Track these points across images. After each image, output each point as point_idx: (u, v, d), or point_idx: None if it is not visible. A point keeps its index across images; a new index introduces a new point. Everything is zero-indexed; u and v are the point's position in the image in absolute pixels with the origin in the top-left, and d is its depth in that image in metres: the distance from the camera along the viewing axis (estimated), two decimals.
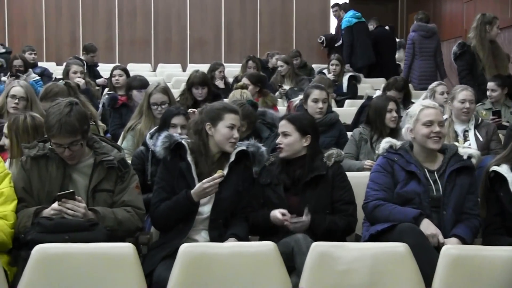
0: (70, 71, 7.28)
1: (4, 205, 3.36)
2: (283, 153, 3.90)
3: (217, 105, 3.83)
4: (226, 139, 3.71)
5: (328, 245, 3.21)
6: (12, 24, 13.07)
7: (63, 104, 3.44)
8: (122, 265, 3.09)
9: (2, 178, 3.39)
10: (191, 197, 3.60)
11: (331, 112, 5.72)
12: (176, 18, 13.26)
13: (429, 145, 3.79)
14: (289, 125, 3.91)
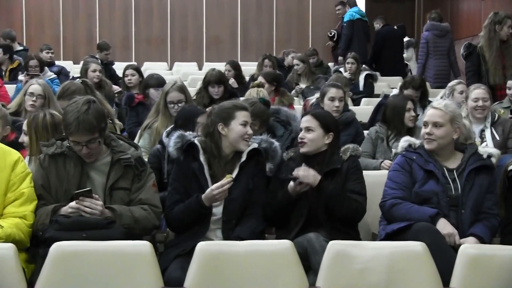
0: (89, 70, 7.31)
1: (24, 205, 3.37)
2: (305, 148, 3.89)
3: (227, 105, 3.82)
4: (241, 137, 3.71)
5: (344, 244, 3.20)
6: (29, 23, 13.16)
7: (81, 102, 3.45)
8: (139, 263, 3.10)
9: (23, 177, 3.40)
10: (202, 201, 3.59)
11: (348, 111, 5.71)
12: (192, 16, 13.29)
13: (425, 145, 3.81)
14: (314, 121, 3.90)
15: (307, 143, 3.89)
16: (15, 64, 9.34)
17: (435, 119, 3.82)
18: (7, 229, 3.22)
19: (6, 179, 3.34)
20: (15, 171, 3.37)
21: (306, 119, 3.95)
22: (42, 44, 10.63)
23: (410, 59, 12.05)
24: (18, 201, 3.36)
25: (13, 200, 3.36)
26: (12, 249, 3.07)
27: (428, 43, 9.50)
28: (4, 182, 3.34)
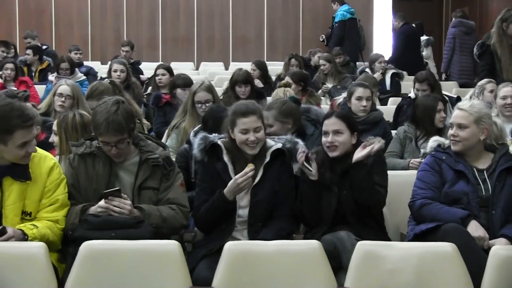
0: (112, 70, 7.36)
1: (57, 211, 3.40)
2: (337, 152, 3.78)
3: (231, 112, 3.78)
4: (243, 144, 3.68)
5: (373, 244, 3.19)
6: (58, 24, 13.29)
7: (110, 103, 3.47)
8: (167, 262, 3.11)
9: (58, 184, 3.42)
10: (225, 196, 3.59)
11: (375, 110, 5.68)
12: (219, 16, 13.31)
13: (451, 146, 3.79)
14: (342, 123, 3.81)
15: (338, 146, 3.78)
16: (45, 65, 9.48)
17: (459, 120, 3.78)
18: (41, 230, 3.26)
19: (42, 186, 3.36)
20: (51, 178, 3.39)
21: (332, 121, 3.82)
22: (70, 45, 10.76)
23: (429, 57, 11.98)
24: (51, 207, 3.38)
25: (47, 205, 3.38)
26: (43, 248, 3.11)
27: (455, 39, 9.48)
28: (40, 188, 3.35)
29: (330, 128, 3.80)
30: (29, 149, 3.25)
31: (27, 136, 3.21)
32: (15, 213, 3.28)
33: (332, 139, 3.78)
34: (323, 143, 3.82)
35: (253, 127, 3.67)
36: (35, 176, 3.34)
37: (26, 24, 13.07)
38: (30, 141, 3.24)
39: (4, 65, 8.00)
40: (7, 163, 3.28)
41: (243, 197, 3.68)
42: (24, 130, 3.20)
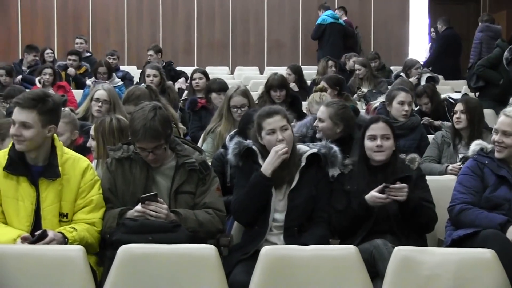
0: (145, 75, 7.41)
1: (93, 213, 3.44)
2: (384, 156, 3.78)
3: (256, 115, 3.78)
4: (271, 145, 3.67)
5: (410, 250, 3.16)
6: (95, 29, 13.45)
7: (147, 109, 3.50)
8: (204, 267, 3.12)
9: (92, 185, 3.47)
10: (262, 173, 3.60)
11: (413, 116, 5.62)
12: (254, 20, 13.34)
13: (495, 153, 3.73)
14: (388, 128, 3.80)
15: (385, 151, 3.78)
16: (82, 70, 9.60)
17: (505, 127, 3.73)
18: (81, 232, 3.30)
19: (76, 186, 3.41)
20: (85, 179, 3.43)
21: (381, 126, 3.80)
22: (107, 50, 10.88)
23: None
24: (87, 208, 3.42)
25: (82, 207, 3.42)
26: (81, 251, 3.14)
27: (481, 44, 9.38)
28: (74, 189, 3.40)
29: (378, 132, 3.79)
30: (12, 130, 3.31)
31: (15, 115, 3.30)
32: (53, 214, 3.34)
33: (381, 142, 3.77)
34: (369, 147, 3.79)
35: (279, 126, 3.68)
36: (69, 177, 3.39)
37: (64, 30, 13.27)
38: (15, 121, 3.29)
39: (43, 70, 8.12)
40: (41, 165, 3.35)
41: (280, 201, 3.68)
42: (16, 108, 3.31)
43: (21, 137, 3.29)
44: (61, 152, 3.41)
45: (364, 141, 3.82)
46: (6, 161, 3.32)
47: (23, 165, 3.34)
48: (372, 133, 3.80)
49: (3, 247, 3.14)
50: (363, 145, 3.83)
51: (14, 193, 3.31)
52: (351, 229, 3.68)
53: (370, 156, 3.80)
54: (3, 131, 4.14)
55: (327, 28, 11.18)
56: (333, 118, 4.51)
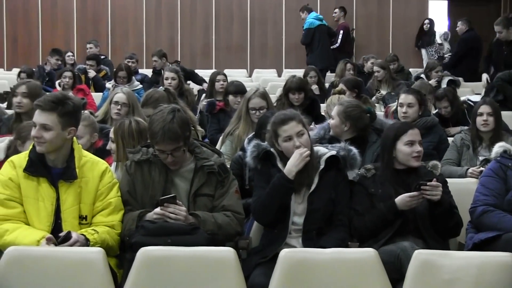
0: (163, 78, 7.44)
1: (112, 215, 3.46)
2: (419, 161, 3.78)
3: (271, 124, 3.77)
4: (289, 152, 3.67)
5: (431, 253, 3.14)
6: (114, 33, 13.52)
7: (166, 111, 3.51)
8: (223, 269, 3.13)
9: (110, 187, 3.49)
10: (285, 175, 3.59)
11: (428, 116, 5.58)
12: (272, 23, 13.35)
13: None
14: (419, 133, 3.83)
15: (421, 157, 3.78)
16: (102, 74, 9.66)
17: None
18: (102, 235, 3.32)
19: (95, 189, 3.44)
20: (103, 181, 3.46)
21: (418, 132, 3.81)
22: (126, 53, 10.93)
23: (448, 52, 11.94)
24: (106, 211, 3.45)
25: (101, 209, 3.44)
26: (101, 253, 3.16)
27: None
28: (92, 191, 3.43)
29: (416, 138, 3.78)
30: (33, 132, 3.35)
31: (36, 117, 3.35)
32: (73, 216, 3.37)
33: (420, 148, 3.77)
34: (407, 153, 3.77)
35: (295, 132, 3.67)
36: (88, 179, 3.42)
37: (83, 33, 13.35)
38: (36, 123, 3.35)
39: (63, 74, 8.18)
40: (60, 167, 3.39)
41: (299, 204, 3.67)
42: (37, 110, 3.36)
43: (41, 139, 3.34)
44: (79, 155, 3.44)
45: (398, 145, 3.78)
46: (26, 163, 3.37)
47: (43, 167, 3.38)
48: (410, 139, 3.77)
49: (25, 248, 3.16)
50: (392, 150, 3.80)
51: (35, 193, 3.35)
52: (376, 232, 3.66)
53: (405, 162, 3.78)
54: (24, 134, 4.18)
55: (316, 31, 11.16)
56: (340, 115, 4.54)
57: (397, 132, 3.82)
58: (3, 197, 3.34)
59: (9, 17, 13.48)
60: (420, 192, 3.56)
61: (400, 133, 3.80)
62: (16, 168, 3.37)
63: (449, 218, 3.64)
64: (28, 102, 5.26)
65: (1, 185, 3.36)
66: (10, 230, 3.27)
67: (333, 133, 4.56)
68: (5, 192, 3.34)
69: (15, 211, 3.34)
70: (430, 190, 3.54)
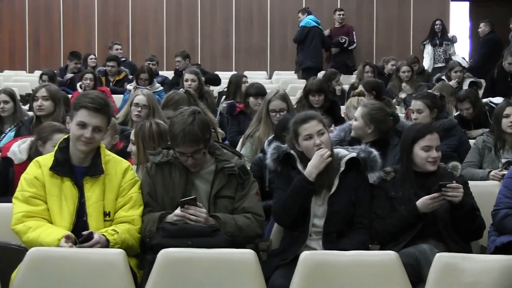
0: (183, 79, 7.46)
1: (133, 209, 3.49)
2: (436, 166, 3.76)
3: (292, 122, 3.78)
4: (309, 151, 3.67)
5: (453, 256, 3.13)
6: (134, 35, 13.58)
7: (187, 114, 3.52)
8: (243, 271, 3.13)
9: (132, 184, 3.53)
10: (305, 177, 3.59)
11: (445, 118, 5.54)
12: (292, 24, 13.29)
13: None
14: (439, 138, 3.80)
15: (437, 161, 3.76)
16: (122, 76, 9.72)
17: None
18: (122, 235, 3.34)
19: (117, 186, 3.48)
20: (125, 178, 3.51)
21: (436, 136, 3.79)
22: (146, 55, 10.98)
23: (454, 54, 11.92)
24: (127, 206, 3.48)
25: (123, 205, 3.48)
26: (121, 255, 3.17)
27: None
28: (115, 188, 3.48)
29: (434, 143, 3.76)
30: (85, 133, 3.38)
31: (87, 118, 3.38)
32: (99, 211, 3.41)
33: (437, 153, 3.75)
34: (423, 157, 3.75)
35: (316, 130, 3.67)
36: (111, 176, 3.47)
37: (104, 35, 13.42)
38: (89, 125, 3.38)
39: (84, 76, 8.24)
40: (86, 165, 3.45)
41: (319, 206, 3.66)
42: (87, 111, 3.39)
43: (92, 139, 3.41)
44: (104, 153, 3.51)
45: (415, 150, 3.77)
46: (52, 162, 3.42)
47: (68, 167, 3.43)
48: (427, 144, 3.75)
49: (47, 249, 3.19)
50: (411, 152, 3.78)
51: (59, 192, 3.41)
52: (397, 235, 3.65)
53: (421, 166, 3.77)
54: (44, 135, 4.22)
55: (310, 31, 11.30)
56: (365, 117, 4.54)
57: (414, 135, 3.81)
58: (28, 194, 3.39)
59: (31, 20, 13.59)
60: (441, 193, 3.54)
61: (418, 137, 3.78)
62: (42, 167, 3.43)
63: (471, 220, 3.62)
64: (49, 104, 5.32)
65: (26, 183, 3.41)
66: (33, 227, 3.31)
67: (356, 135, 4.56)
68: (30, 190, 3.40)
69: (39, 208, 3.38)
70: (451, 191, 3.52)
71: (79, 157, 3.45)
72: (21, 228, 3.33)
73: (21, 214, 3.35)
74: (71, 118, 3.47)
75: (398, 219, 3.64)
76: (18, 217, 3.36)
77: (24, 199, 3.38)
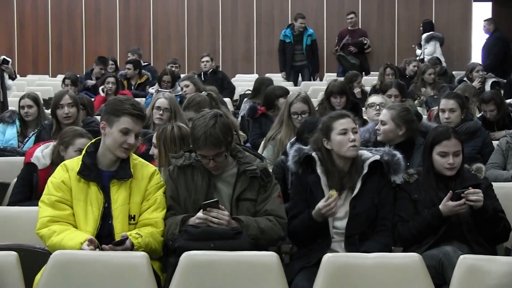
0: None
1: (156, 212, 3.50)
2: (455, 172, 3.73)
3: (325, 119, 3.78)
4: (343, 146, 3.65)
5: (477, 258, 3.10)
6: (156, 38, 13.66)
7: (208, 117, 3.52)
8: (266, 274, 3.13)
9: (158, 188, 3.55)
10: (313, 217, 3.58)
11: (471, 120, 5.50)
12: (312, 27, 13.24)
13: None
14: (459, 144, 3.75)
15: (456, 167, 3.73)
16: (143, 79, 9.78)
17: None
18: (145, 238, 3.35)
19: (144, 189, 3.50)
20: (151, 182, 3.53)
21: (454, 143, 3.72)
22: (168, 58, 11.03)
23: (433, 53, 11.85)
24: (151, 208, 3.50)
25: (147, 207, 3.50)
26: (144, 258, 3.18)
27: None
28: (141, 192, 3.49)
29: (451, 149, 3.71)
30: (129, 140, 3.40)
31: (132, 125, 3.40)
32: (124, 214, 3.43)
33: (453, 160, 3.70)
34: (441, 163, 3.73)
35: (351, 127, 3.68)
36: (138, 180, 3.49)
37: (126, 39, 13.51)
38: (132, 131, 3.41)
39: (106, 79, 8.30)
40: (113, 169, 3.47)
41: (341, 208, 3.65)
42: (131, 117, 3.40)
43: (135, 146, 3.47)
44: (131, 157, 3.53)
45: (433, 155, 3.75)
46: (80, 167, 3.44)
47: (95, 171, 3.45)
48: (444, 150, 3.71)
49: (70, 252, 3.21)
50: (431, 156, 3.76)
51: (85, 197, 3.43)
52: (420, 238, 3.63)
53: (440, 171, 3.74)
54: (66, 139, 4.25)
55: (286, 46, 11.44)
56: (396, 120, 4.50)
57: (433, 140, 3.78)
58: (55, 199, 3.41)
59: (54, 25, 13.72)
60: (464, 201, 3.51)
61: (435, 142, 3.76)
62: (69, 171, 3.45)
63: (495, 223, 3.58)
64: (74, 111, 5.33)
65: (53, 187, 3.44)
66: (57, 231, 3.34)
67: (385, 139, 4.50)
68: (57, 194, 3.42)
69: (64, 213, 3.41)
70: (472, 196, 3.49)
71: (109, 161, 3.47)
72: (45, 232, 3.36)
73: (47, 219, 3.38)
74: (108, 124, 3.43)
75: (421, 222, 3.62)
76: (43, 221, 3.39)
77: (50, 203, 3.41)
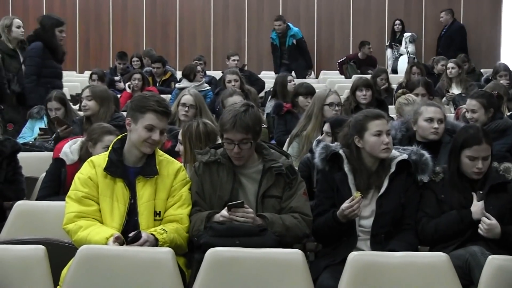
0: (225, 81, 7.48)
1: (181, 208, 3.50)
2: (482, 175, 3.69)
3: (359, 116, 3.75)
4: (376, 147, 3.62)
5: (505, 259, 3.07)
6: (182, 35, 13.69)
7: (240, 104, 3.56)
8: (291, 271, 3.13)
9: (183, 184, 3.55)
10: (337, 218, 3.56)
11: (501, 118, 5.44)
12: (339, 23, 13.25)
13: None
14: (489, 148, 3.69)
15: (484, 171, 3.68)
16: (168, 75, 9.82)
17: None
18: (170, 234, 3.36)
19: (169, 185, 3.51)
20: (177, 179, 3.53)
21: (485, 147, 3.66)
22: (194, 55, 11.06)
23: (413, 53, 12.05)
24: (176, 204, 3.50)
25: (173, 204, 3.51)
26: (170, 253, 3.19)
27: None
28: (167, 188, 3.50)
29: (480, 154, 3.66)
30: (153, 136, 3.41)
31: (156, 122, 3.41)
32: (149, 211, 3.44)
33: (482, 164, 3.66)
34: (469, 166, 3.68)
35: (386, 129, 3.66)
36: (163, 177, 3.50)
37: (152, 36, 13.57)
38: (157, 128, 3.42)
39: (132, 76, 8.35)
40: (139, 166, 3.48)
41: (368, 207, 3.63)
42: (155, 114, 3.41)
43: (159, 142, 3.50)
44: (157, 154, 3.54)
45: (462, 157, 3.70)
46: (106, 163, 3.46)
47: (121, 168, 3.47)
48: (473, 155, 3.66)
49: (96, 247, 3.23)
50: (459, 158, 3.72)
51: (111, 193, 3.44)
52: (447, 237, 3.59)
53: (467, 174, 3.71)
54: (94, 136, 4.28)
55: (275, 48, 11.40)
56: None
57: (463, 142, 3.72)
58: (81, 194, 3.43)
59: (82, 21, 13.81)
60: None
61: (465, 145, 3.70)
62: (96, 168, 3.47)
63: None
64: (93, 104, 5.40)
65: (80, 183, 3.46)
66: (84, 227, 3.36)
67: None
68: (83, 190, 3.44)
69: (91, 208, 3.43)
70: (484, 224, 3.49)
71: (135, 157, 3.49)
72: (72, 227, 3.38)
73: (73, 215, 3.40)
74: (134, 121, 3.45)
75: (451, 221, 3.58)
76: (70, 217, 3.41)
77: (77, 199, 3.43)
